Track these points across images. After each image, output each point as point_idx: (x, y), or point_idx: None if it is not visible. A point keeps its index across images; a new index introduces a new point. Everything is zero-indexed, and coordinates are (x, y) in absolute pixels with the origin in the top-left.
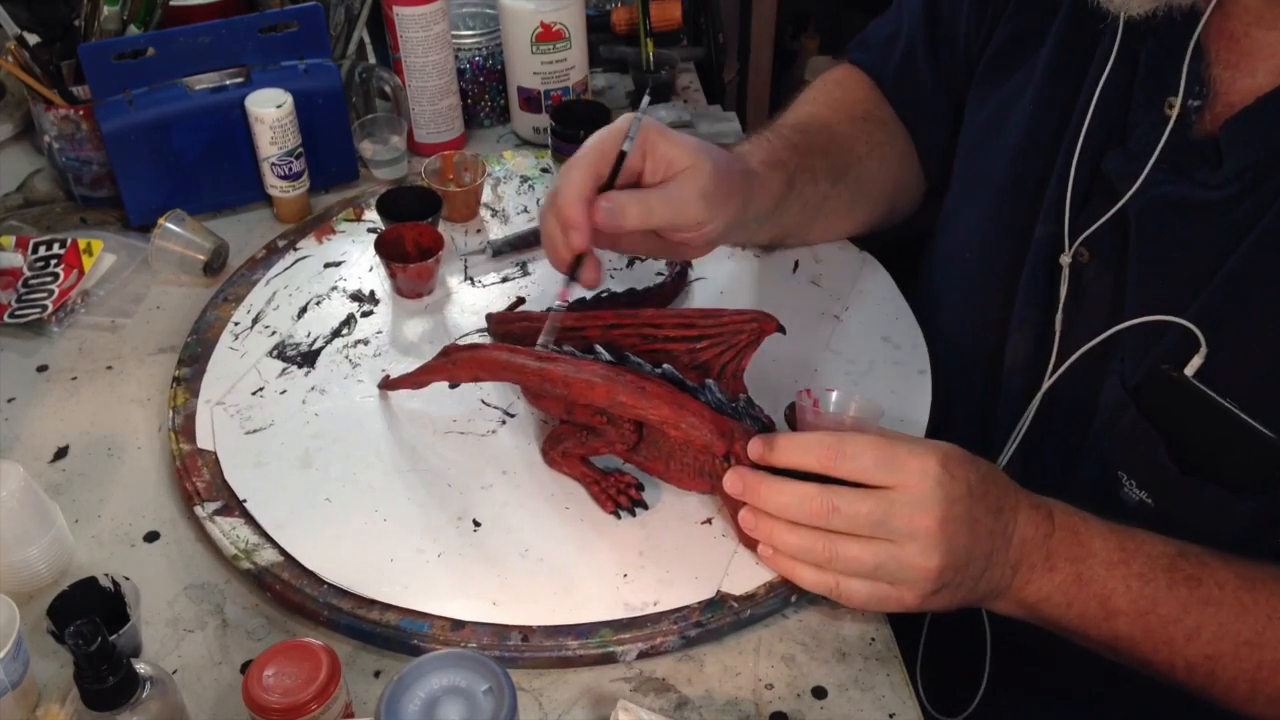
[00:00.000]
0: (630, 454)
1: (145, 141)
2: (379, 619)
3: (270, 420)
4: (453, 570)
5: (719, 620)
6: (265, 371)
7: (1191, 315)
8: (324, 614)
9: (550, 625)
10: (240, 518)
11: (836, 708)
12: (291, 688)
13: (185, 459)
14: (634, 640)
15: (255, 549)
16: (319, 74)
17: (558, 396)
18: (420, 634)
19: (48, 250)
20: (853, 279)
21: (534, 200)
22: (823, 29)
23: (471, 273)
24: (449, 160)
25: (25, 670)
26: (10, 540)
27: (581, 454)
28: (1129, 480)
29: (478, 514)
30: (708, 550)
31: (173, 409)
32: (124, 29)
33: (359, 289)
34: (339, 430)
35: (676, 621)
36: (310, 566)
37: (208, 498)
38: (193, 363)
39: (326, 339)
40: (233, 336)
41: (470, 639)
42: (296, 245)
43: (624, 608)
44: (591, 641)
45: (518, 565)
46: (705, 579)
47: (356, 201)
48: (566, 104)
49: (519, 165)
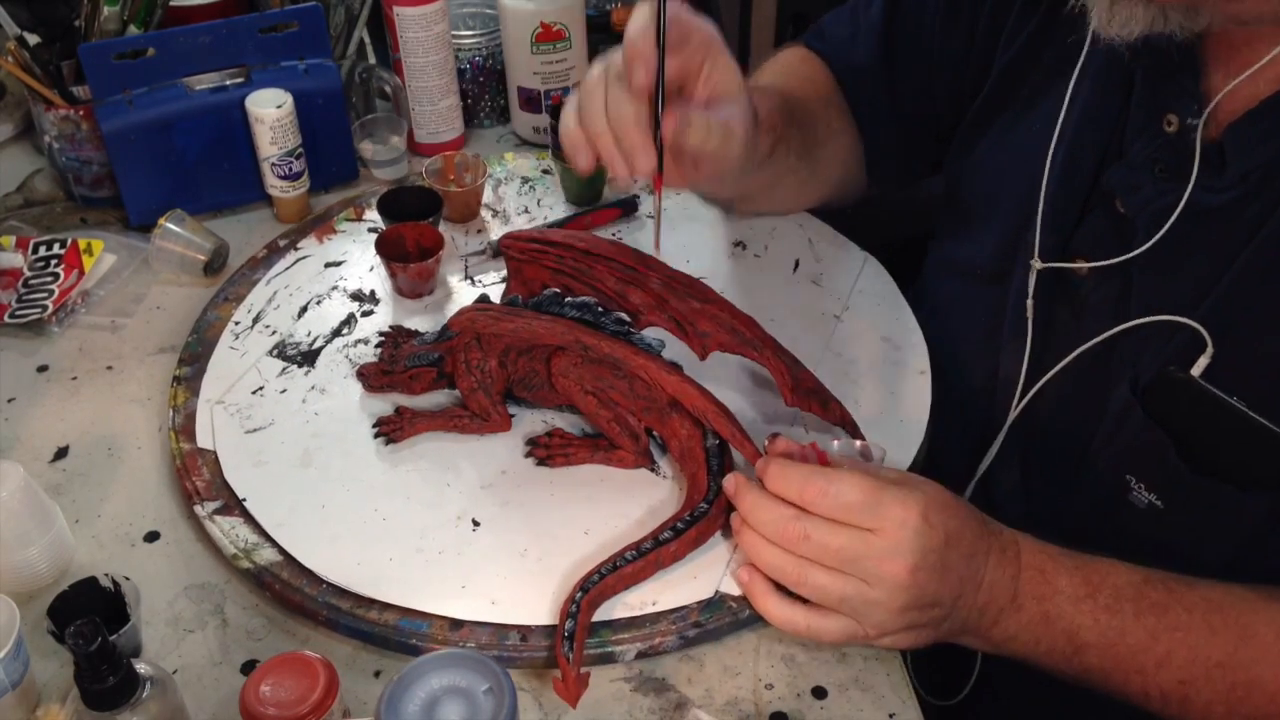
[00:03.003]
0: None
1: (145, 141)
2: (378, 618)
3: (270, 419)
4: (452, 569)
5: (717, 620)
6: (265, 371)
7: (1198, 317)
8: (323, 613)
9: (549, 625)
10: (240, 517)
11: (836, 708)
12: (288, 701)
13: (185, 458)
14: (633, 640)
15: (255, 548)
16: (319, 74)
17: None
18: (419, 633)
19: (48, 250)
20: (852, 279)
21: (534, 201)
22: None
23: (472, 272)
24: (450, 160)
25: (25, 670)
26: (10, 540)
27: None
28: (1138, 484)
29: (477, 513)
30: (706, 550)
31: (173, 408)
32: (124, 29)
33: (359, 289)
34: (339, 429)
35: (675, 621)
36: (309, 565)
37: (207, 497)
38: (193, 362)
39: (327, 338)
40: (233, 336)
41: (469, 638)
42: (297, 245)
43: (623, 607)
44: (590, 641)
45: (517, 565)
46: (704, 579)
47: (357, 201)
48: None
49: (520, 166)
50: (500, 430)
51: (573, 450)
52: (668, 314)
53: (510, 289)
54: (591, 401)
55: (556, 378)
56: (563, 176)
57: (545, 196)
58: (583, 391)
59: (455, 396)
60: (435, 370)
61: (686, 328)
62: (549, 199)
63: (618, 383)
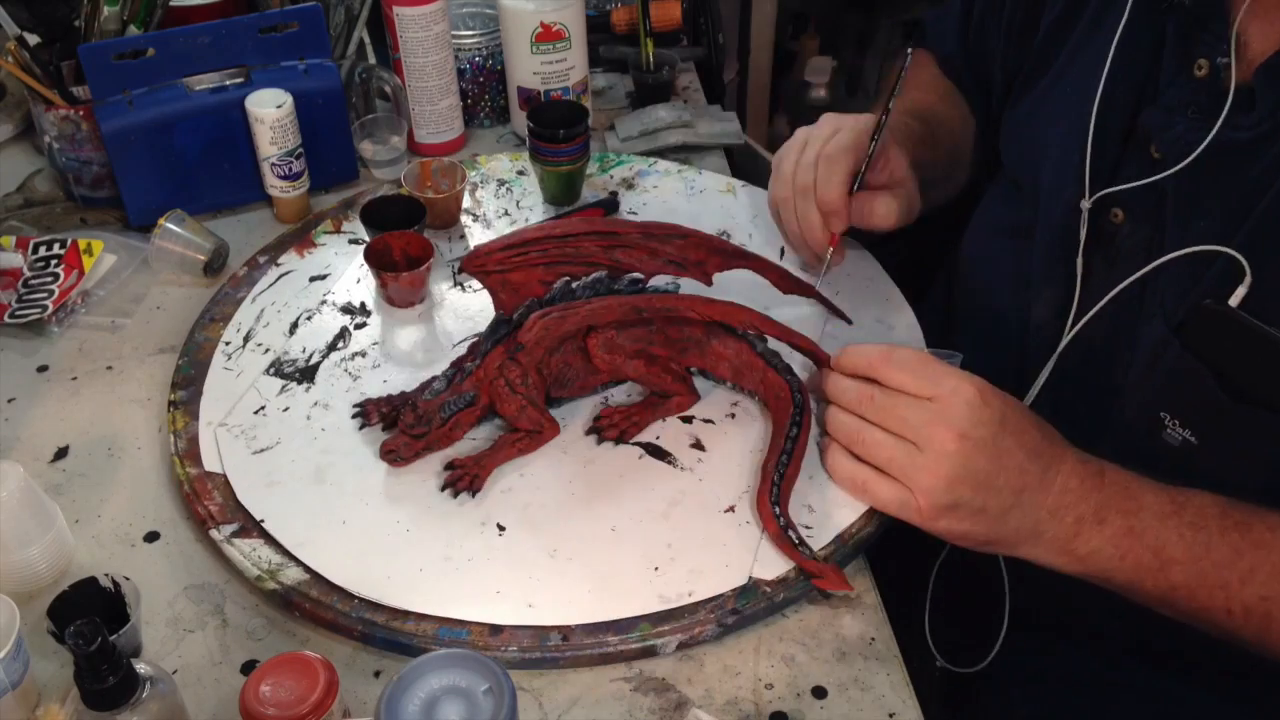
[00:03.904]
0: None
1: (145, 142)
2: (415, 629)
3: (276, 439)
4: (484, 575)
5: (754, 606)
6: (265, 390)
7: (1233, 249)
8: (358, 629)
9: (589, 623)
10: (259, 538)
11: (836, 708)
12: (288, 701)
13: (194, 483)
14: (673, 632)
15: (279, 569)
16: (319, 74)
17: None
18: (460, 641)
19: (48, 250)
20: (845, 266)
21: (513, 203)
22: (823, 29)
23: (461, 279)
24: (427, 167)
25: (25, 670)
26: (10, 540)
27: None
28: (1172, 420)
29: (501, 518)
30: (734, 537)
31: (173, 433)
32: (124, 29)
33: (349, 301)
34: (348, 444)
35: (713, 610)
36: (338, 582)
37: (223, 520)
38: (187, 385)
39: (323, 353)
40: (225, 356)
41: (510, 642)
42: (278, 260)
43: (659, 600)
44: (631, 636)
45: (548, 565)
46: (736, 566)
47: (334, 213)
48: (543, 105)
49: (494, 169)
50: (554, 436)
51: (635, 416)
52: (662, 259)
53: (500, 304)
54: (639, 365)
55: (598, 357)
56: (542, 177)
57: (524, 198)
58: (627, 358)
59: (490, 429)
60: (474, 408)
61: (684, 264)
62: (527, 200)
63: (654, 336)
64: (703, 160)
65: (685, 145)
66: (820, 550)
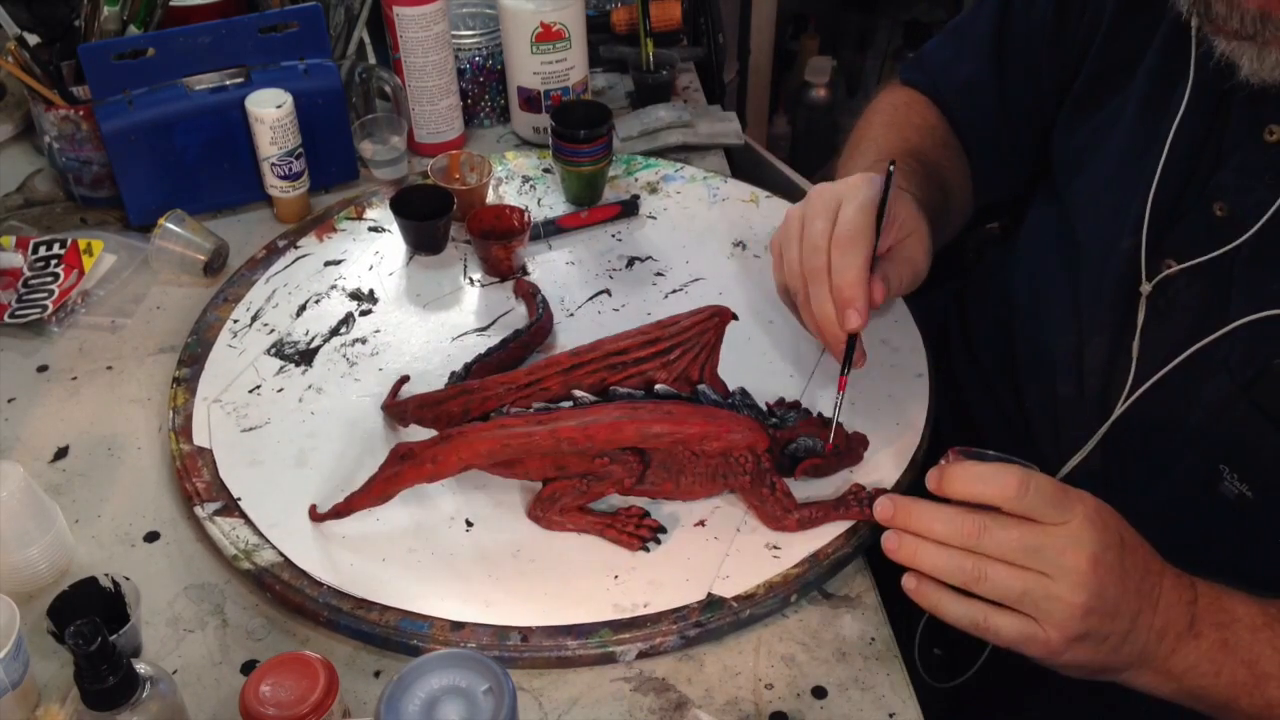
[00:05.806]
0: (635, 485)
1: (145, 141)
2: (379, 619)
3: (267, 418)
4: (446, 571)
5: (719, 620)
6: (263, 369)
7: None
8: (324, 614)
9: (550, 625)
10: (239, 518)
11: (836, 708)
12: (288, 701)
13: (185, 459)
14: (633, 640)
15: (255, 549)
16: (319, 74)
17: (568, 454)
18: (420, 634)
19: (48, 250)
20: None
21: (535, 200)
22: (823, 29)
23: (471, 273)
24: (455, 159)
25: (25, 670)
26: (10, 540)
27: (582, 504)
28: (1231, 474)
29: (470, 514)
30: (700, 552)
31: (173, 409)
32: (124, 29)
33: (358, 287)
34: (334, 429)
35: (676, 621)
36: (304, 567)
37: (208, 498)
38: (193, 363)
39: (325, 337)
40: (231, 334)
41: (470, 639)
42: (297, 244)
43: (613, 609)
44: (591, 641)
45: (510, 566)
46: (695, 582)
47: (358, 200)
48: (567, 104)
49: (521, 166)
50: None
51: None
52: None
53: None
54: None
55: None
56: (564, 177)
57: (546, 195)
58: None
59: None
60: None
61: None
62: (549, 198)
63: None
64: (703, 160)
65: (685, 145)
66: (793, 568)
